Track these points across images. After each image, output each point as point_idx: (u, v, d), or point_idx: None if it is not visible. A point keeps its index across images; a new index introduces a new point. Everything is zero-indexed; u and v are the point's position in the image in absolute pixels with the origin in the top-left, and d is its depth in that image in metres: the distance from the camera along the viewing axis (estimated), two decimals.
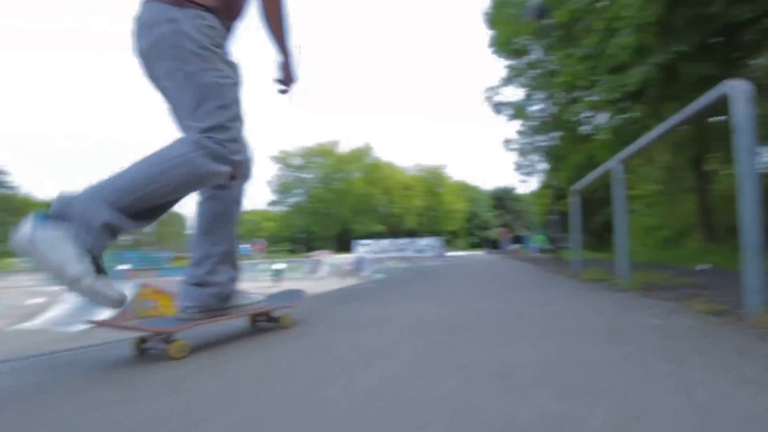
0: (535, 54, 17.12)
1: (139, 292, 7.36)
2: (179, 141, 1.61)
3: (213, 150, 1.58)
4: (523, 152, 19.97)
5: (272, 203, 53.96)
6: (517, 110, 18.10)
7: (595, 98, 11.12)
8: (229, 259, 1.92)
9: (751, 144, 1.98)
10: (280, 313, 2.15)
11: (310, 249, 53.23)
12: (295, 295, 2.40)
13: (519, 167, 20.08)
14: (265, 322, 2.15)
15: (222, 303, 1.88)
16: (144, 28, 1.65)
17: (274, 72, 2.10)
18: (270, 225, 56.68)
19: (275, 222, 56.71)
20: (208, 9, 1.65)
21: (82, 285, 1.35)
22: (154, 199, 1.55)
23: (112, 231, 1.45)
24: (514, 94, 19.80)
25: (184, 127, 1.69)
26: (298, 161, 52.98)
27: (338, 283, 25.06)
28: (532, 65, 16.89)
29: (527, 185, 49.32)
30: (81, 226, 1.39)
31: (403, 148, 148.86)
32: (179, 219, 45.72)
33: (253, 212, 70.13)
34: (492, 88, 19.95)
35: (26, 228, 1.31)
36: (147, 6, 1.65)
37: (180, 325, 1.68)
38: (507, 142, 19.76)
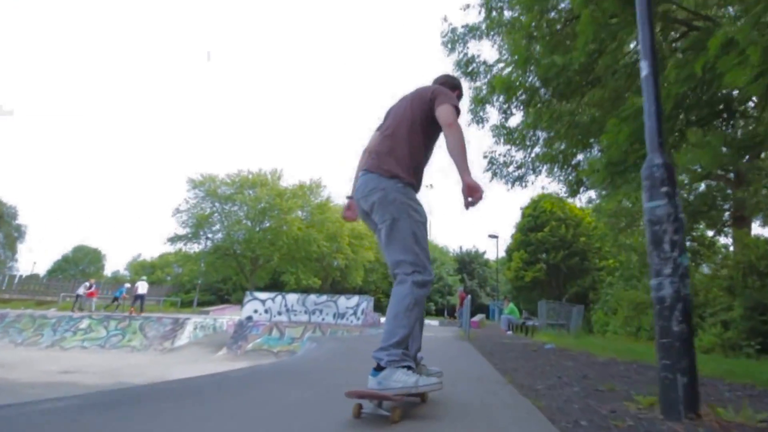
0: None
1: None
2: (404, 289, 2.47)
3: (420, 282, 2.48)
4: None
5: (175, 239, 40.34)
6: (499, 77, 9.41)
7: None
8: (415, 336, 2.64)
9: None
10: None
11: (225, 302, 42.79)
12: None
13: (494, 165, 11.31)
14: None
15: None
16: (367, 192, 2.65)
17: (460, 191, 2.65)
18: (196, 268, 44.98)
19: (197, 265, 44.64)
20: (401, 179, 2.63)
21: (419, 385, 2.24)
22: (410, 333, 2.45)
23: (406, 356, 2.37)
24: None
25: (394, 260, 2.57)
26: (224, 190, 42.23)
27: (194, 360, 15.16)
28: None
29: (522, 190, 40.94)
30: (393, 364, 2.28)
31: None
32: None
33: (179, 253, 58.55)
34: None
35: (372, 381, 2.25)
36: (365, 177, 2.70)
37: (399, 394, 2.22)
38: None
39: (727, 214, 16.70)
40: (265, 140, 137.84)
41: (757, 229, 16.03)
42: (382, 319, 22.10)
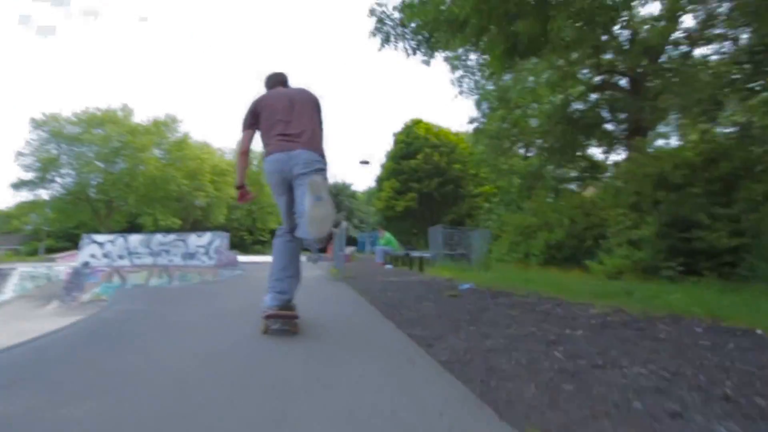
0: None
1: None
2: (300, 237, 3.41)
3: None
4: None
5: (19, 185, 37.33)
6: None
7: None
8: (296, 278, 3.52)
9: None
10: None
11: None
12: None
13: None
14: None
15: (289, 304, 3.40)
16: (309, 162, 3.30)
17: None
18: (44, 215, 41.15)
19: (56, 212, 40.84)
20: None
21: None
22: None
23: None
24: None
25: (299, 212, 3.29)
26: (71, 130, 37.87)
27: (13, 317, 13.46)
28: None
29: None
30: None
31: (227, 129, 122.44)
32: None
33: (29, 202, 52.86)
34: None
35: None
36: (303, 151, 3.32)
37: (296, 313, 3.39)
38: None
39: (622, 126, 15.10)
40: (114, 76, 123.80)
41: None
42: (241, 258, 20.69)
